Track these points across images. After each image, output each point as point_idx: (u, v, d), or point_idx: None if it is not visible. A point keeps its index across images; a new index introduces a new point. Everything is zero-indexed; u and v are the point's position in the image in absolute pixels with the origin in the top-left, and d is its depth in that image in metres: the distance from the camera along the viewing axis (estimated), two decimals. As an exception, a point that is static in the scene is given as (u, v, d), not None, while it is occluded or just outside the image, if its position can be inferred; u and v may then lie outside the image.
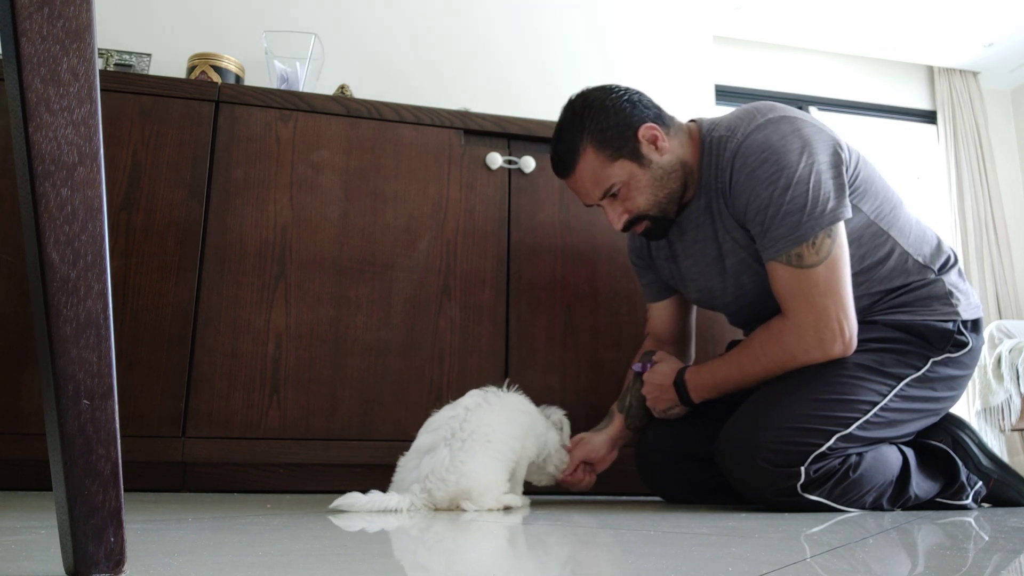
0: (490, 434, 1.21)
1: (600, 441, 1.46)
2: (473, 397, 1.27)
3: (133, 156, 1.58)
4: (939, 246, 1.39)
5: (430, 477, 1.14)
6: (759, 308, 1.37)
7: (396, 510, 1.10)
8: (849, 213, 1.23)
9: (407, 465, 1.21)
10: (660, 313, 1.60)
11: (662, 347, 1.56)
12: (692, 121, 1.41)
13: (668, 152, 1.33)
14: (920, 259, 1.34)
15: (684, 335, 1.62)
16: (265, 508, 1.16)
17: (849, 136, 1.41)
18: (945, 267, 1.37)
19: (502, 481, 1.21)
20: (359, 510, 1.09)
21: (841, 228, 1.23)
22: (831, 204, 1.21)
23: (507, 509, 1.18)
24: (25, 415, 1.43)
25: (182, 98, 1.63)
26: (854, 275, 1.28)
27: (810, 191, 1.21)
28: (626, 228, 1.38)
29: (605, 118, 1.31)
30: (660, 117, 1.35)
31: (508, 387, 1.35)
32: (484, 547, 0.80)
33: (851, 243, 1.28)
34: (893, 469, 1.28)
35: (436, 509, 1.15)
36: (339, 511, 1.09)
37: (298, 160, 1.66)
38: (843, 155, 1.26)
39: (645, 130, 1.32)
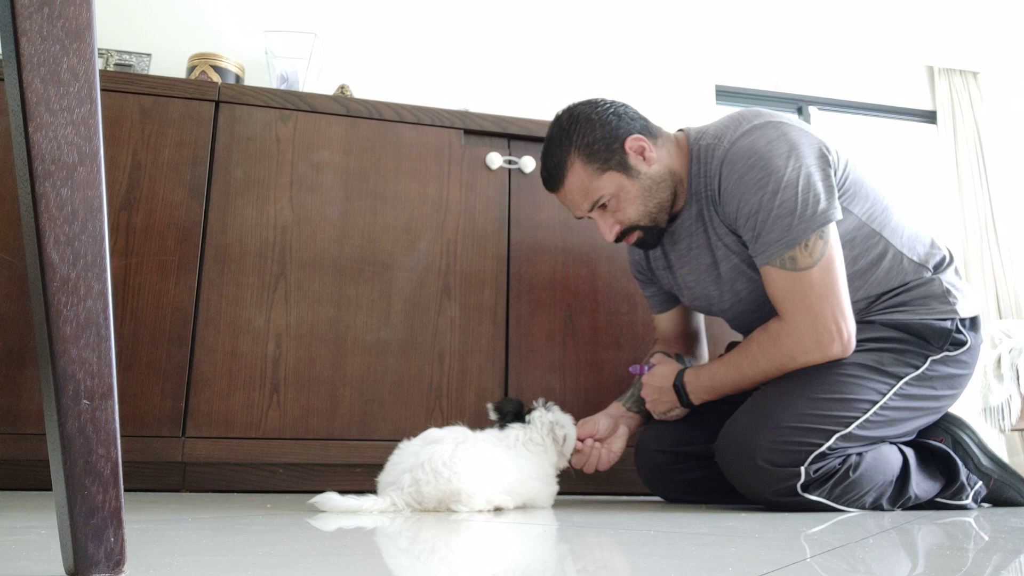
0: (502, 462, 1.21)
1: (602, 419, 1.44)
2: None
3: (133, 156, 1.58)
4: (933, 245, 1.39)
5: (424, 466, 1.12)
6: (756, 315, 1.37)
7: (370, 511, 1.09)
8: (840, 214, 1.23)
9: (408, 449, 1.18)
10: (666, 324, 1.61)
11: (672, 350, 1.56)
12: (680, 130, 1.42)
13: (656, 162, 1.34)
14: (915, 259, 1.35)
15: (694, 336, 1.63)
16: (265, 508, 1.16)
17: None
18: (941, 266, 1.37)
19: (493, 489, 1.17)
20: (332, 510, 1.09)
21: (833, 229, 1.23)
22: (821, 206, 1.21)
23: (498, 510, 1.16)
24: (25, 415, 1.43)
25: (182, 98, 1.63)
26: (849, 277, 1.28)
27: (799, 194, 1.21)
28: (618, 239, 1.39)
29: (592, 131, 1.32)
30: (647, 128, 1.36)
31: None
32: (482, 547, 0.80)
33: (844, 245, 1.28)
34: (893, 469, 1.28)
35: (423, 510, 1.13)
36: (316, 509, 1.10)
37: (298, 160, 1.66)
38: (830, 157, 1.27)
39: (632, 141, 1.32)
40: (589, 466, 1.38)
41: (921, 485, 1.31)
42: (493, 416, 1.35)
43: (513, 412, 1.34)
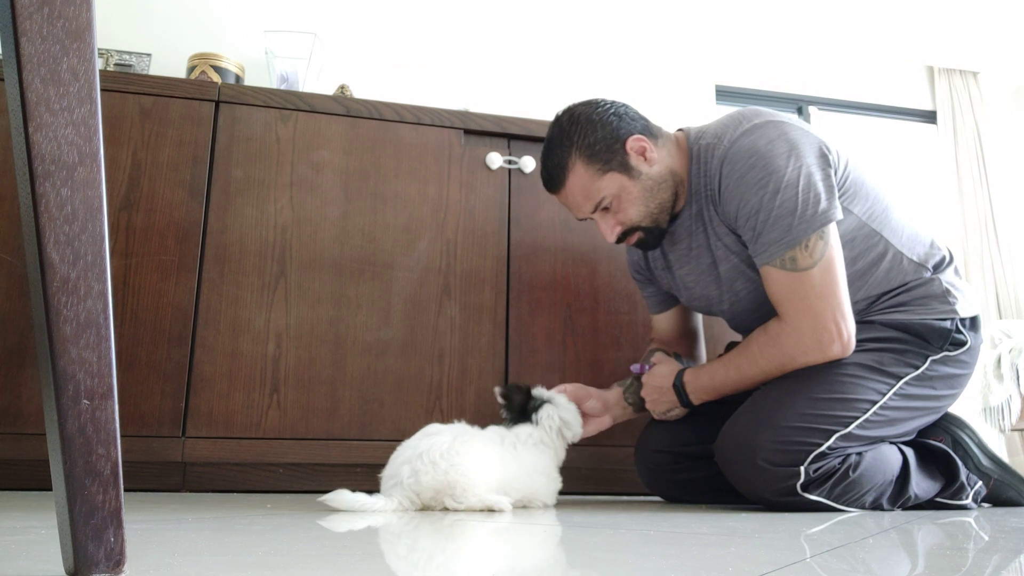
0: (501, 456, 1.22)
1: (594, 399, 1.44)
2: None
3: (133, 156, 1.58)
4: (933, 245, 1.39)
5: (423, 457, 1.13)
6: (755, 315, 1.37)
7: (382, 511, 1.11)
8: (840, 214, 1.23)
9: (408, 444, 1.20)
10: (664, 324, 1.61)
11: (670, 349, 1.56)
12: (680, 130, 1.42)
13: (657, 162, 1.34)
14: (915, 258, 1.34)
15: (692, 336, 1.63)
16: (265, 508, 1.16)
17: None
18: (940, 266, 1.37)
19: (490, 482, 1.18)
20: (342, 508, 1.11)
21: (833, 229, 1.23)
22: (821, 206, 1.21)
23: (490, 511, 1.15)
24: (25, 415, 1.43)
25: (182, 98, 1.63)
26: (849, 277, 1.28)
27: (799, 194, 1.20)
28: (619, 240, 1.39)
29: (593, 132, 1.31)
30: (647, 128, 1.36)
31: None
32: (481, 547, 0.80)
33: (844, 245, 1.27)
34: (893, 469, 1.28)
35: (422, 507, 1.14)
36: (327, 505, 1.11)
37: (298, 160, 1.66)
38: (831, 157, 1.26)
39: (633, 142, 1.32)
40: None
41: (921, 485, 1.31)
42: (500, 401, 1.36)
43: (520, 405, 1.35)
